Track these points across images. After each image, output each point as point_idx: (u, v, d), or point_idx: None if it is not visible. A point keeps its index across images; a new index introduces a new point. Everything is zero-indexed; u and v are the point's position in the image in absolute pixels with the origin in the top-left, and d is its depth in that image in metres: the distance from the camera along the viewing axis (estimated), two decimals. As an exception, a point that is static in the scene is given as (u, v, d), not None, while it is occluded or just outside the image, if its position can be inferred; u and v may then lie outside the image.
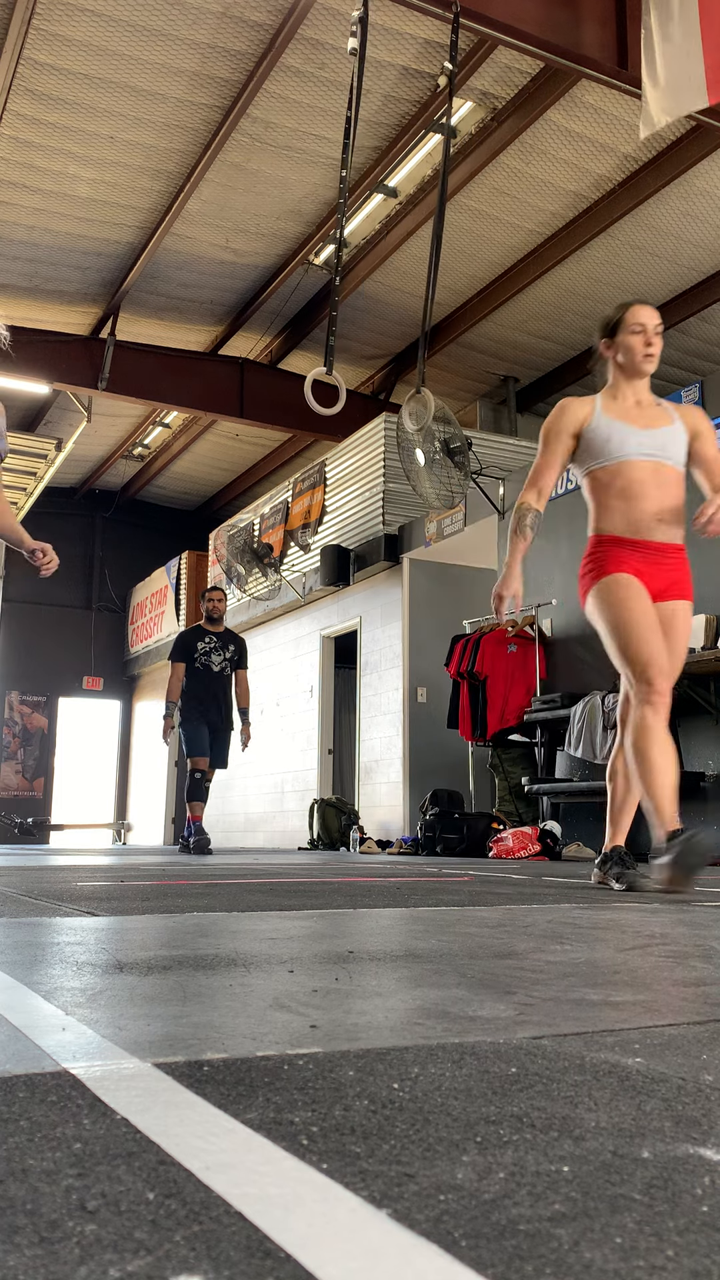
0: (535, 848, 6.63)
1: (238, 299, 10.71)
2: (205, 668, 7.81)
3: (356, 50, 4.91)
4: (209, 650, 7.84)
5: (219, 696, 7.83)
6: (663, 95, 5.62)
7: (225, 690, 7.89)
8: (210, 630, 7.93)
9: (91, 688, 16.64)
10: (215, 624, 7.97)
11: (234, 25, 6.93)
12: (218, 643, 7.89)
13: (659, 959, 1.56)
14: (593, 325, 3.65)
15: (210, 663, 7.82)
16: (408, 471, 7.32)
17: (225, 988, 1.25)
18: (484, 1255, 0.48)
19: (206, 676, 7.80)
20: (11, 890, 3.09)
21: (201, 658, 7.82)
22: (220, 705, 7.84)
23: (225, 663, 7.90)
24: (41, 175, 8.51)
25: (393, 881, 3.85)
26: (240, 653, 8.01)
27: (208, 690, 7.79)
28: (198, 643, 7.86)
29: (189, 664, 7.80)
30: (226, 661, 7.90)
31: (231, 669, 7.93)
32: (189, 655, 7.82)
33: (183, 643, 7.91)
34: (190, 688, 7.79)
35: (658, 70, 5.66)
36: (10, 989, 1.24)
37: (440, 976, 1.35)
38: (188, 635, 7.96)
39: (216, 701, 7.82)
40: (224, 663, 7.89)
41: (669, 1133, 0.68)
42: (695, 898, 3.07)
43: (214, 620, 7.97)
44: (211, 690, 7.80)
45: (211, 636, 7.90)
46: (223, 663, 7.88)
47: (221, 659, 7.87)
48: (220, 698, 7.84)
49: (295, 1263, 0.48)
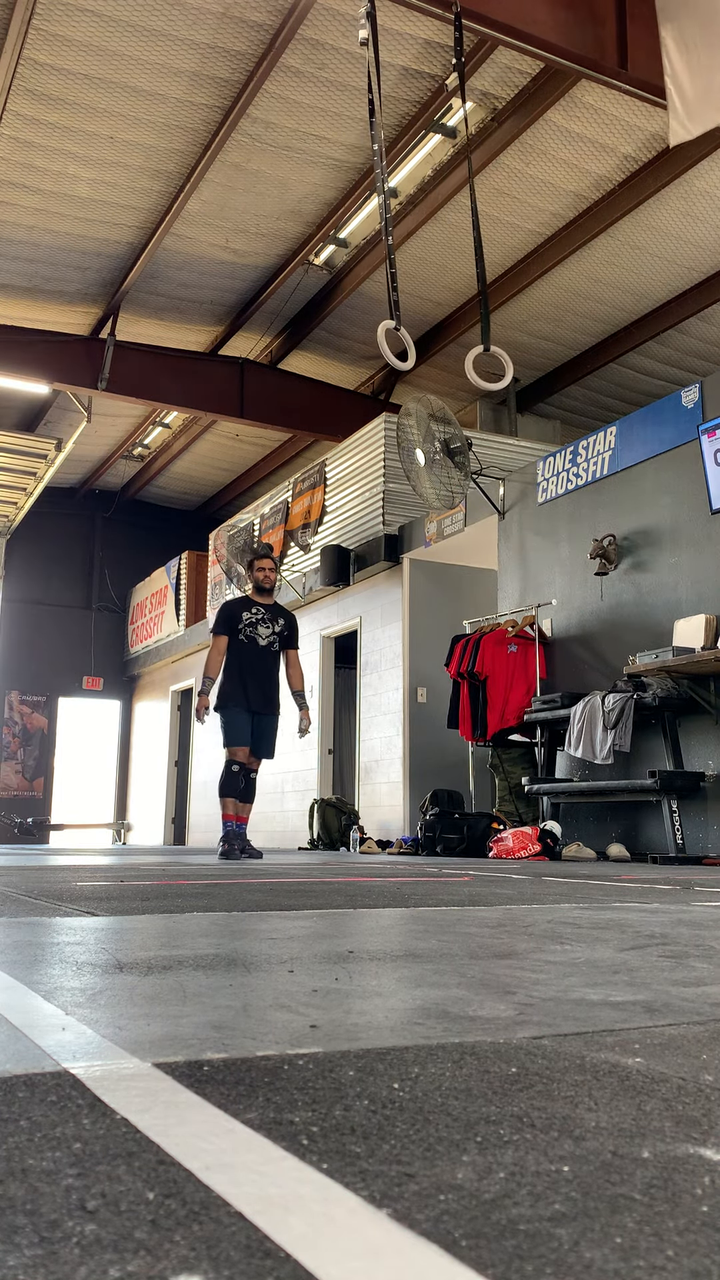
0: (535, 848, 6.63)
1: (238, 299, 10.71)
2: (251, 640, 6.84)
3: (368, 40, 4.92)
4: (255, 621, 6.88)
5: (266, 675, 6.87)
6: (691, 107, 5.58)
7: (273, 669, 6.93)
8: (259, 601, 6.98)
9: (91, 688, 16.64)
10: (265, 595, 7.02)
11: (234, 25, 6.93)
12: (266, 614, 6.92)
13: (659, 959, 1.56)
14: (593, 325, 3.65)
15: (257, 635, 6.85)
16: (408, 471, 7.33)
17: (225, 988, 1.25)
18: (484, 1255, 0.48)
19: (252, 651, 6.83)
20: (11, 890, 3.09)
21: (247, 629, 6.84)
22: (266, 686, 6.86)
23: (274, 637, 6.92)
24: (41, 175, 8.51)
25: (393, 881, 3.85)
26: (291, 629, 7.05)
27: (253, 667, 6.81)
28: (244, 613, 6.89)
29: (232, 637, 6.85)
30: (275, 636, 6.92)
31: (281, 645, 6.96)
32: (232, 626, 6.85)
33: (227, 612, 6.93)
34: (233, 664, 6.82)
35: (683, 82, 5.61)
36: (10, 989, 1.24)
37: (440, 976, 1.35)
38: (233, 604, 7.00)
39: (261, 681, 6.84)
40: (272, 636, 6.91)
41: (669, 1133, 0.68)
42: (695, 897, 3.06)
43: (264, 591, 7.01)
44: (257, 667, 6.83)
45: (259, 607, 6.93)
46: (271, 636, 6.90)
47: (270, 632, 6.90)
48: (268, 677, 6.88)
49: (295, 1263, 0.48)
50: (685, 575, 6.67)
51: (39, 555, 16.38)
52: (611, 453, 7.39)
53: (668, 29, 5.73)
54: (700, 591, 6.54)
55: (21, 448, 12.03)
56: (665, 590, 6.81)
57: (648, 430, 7.09)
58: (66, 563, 16.74)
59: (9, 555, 15.38)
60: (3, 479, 12.90)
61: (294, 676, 7.01)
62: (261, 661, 6.86)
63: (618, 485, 7.32)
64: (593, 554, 7.24)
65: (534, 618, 7.99)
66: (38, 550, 16.33)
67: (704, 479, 6.46)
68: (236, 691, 6.77)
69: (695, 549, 6.64)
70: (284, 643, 6.99)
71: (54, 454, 12.11)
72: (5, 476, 12.82)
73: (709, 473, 6.35)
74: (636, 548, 7.08)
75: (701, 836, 6.32)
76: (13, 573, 15.83)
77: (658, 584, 6.88)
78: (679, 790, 6.21)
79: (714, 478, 6.31)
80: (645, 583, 6.99)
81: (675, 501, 6.79)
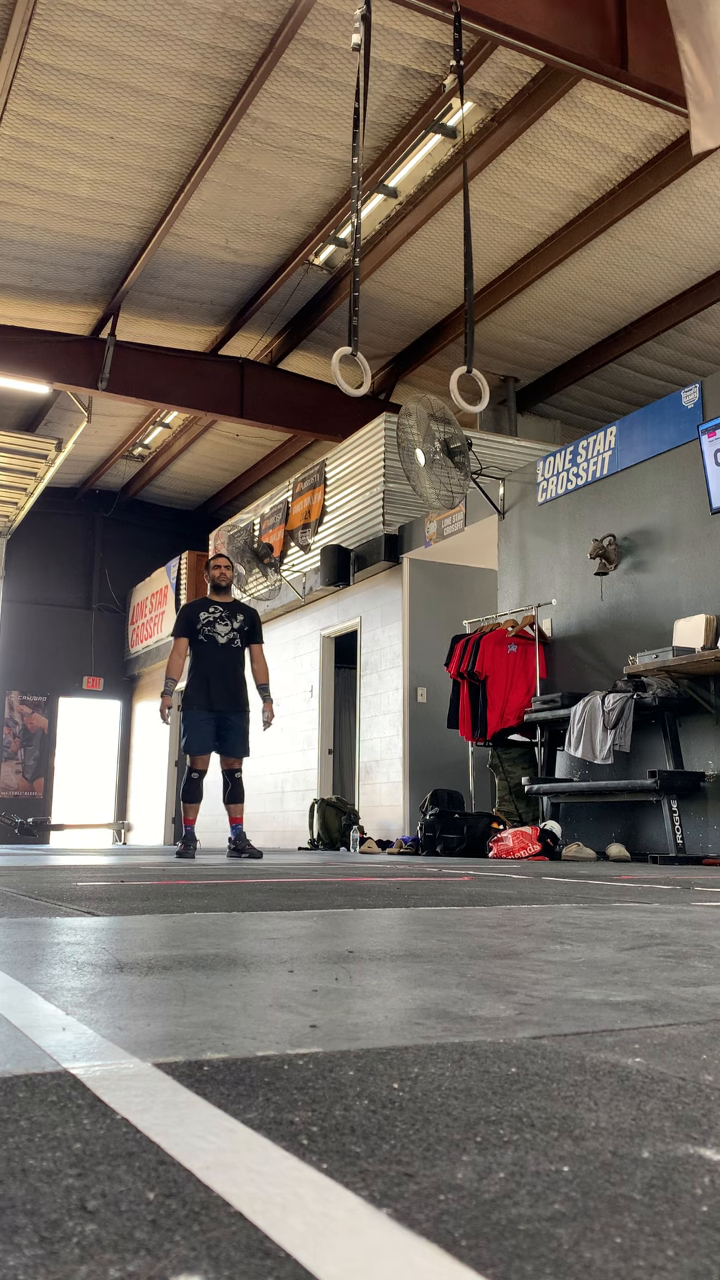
0: (535, 848, 6.63)
1: (238, 299, 10.71)
2: (210, 640, 6.93)
3: (360, 45, 4.90)
4: (213, 620, 6.98)
5: (229, 674, 6.94)
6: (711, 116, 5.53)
7: (235, 668, 6.99)
8: (216, 600, 7.09)
9: (92, 688, 16.64)
10: (222, 594, 7.13)
11: (234, 25, 6.93)
12: (224, 612, 7.02)
13: (659, 959, 1.56)
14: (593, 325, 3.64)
15: (215, 634, 6.94)
16: (408, 471, 7.33)
17: (225, 988, 1.25)
18: (484, 1255, 0.48)
19: (212, 650, 6.93)
20: (12, 890, 3.09)
21: (205, 628, 6.95)
22: (230, 684, 6.93)
23: (234, 634, 6.99)
24: (41, 175, 8.51)
25: (393, 881, 3.85)
26: (252, 624, 7.12)
27: (214, 667, 6.91)
28: (201, 613, 7.00)
29: (192, 638, 6.97)
30: (235, 633, 7.00)
31: (243, 642, 7.05)
32: (191, 627, 6.97)
33: (185, 615, 7.04)
34: (195, 665, 6.94)
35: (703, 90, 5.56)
36: (10, 989, 1.24)
37: (440, 976, 1.35)
38: (190, 607, 7.10)
39: (224, 680, 6.92)
40: (232, 634, 6.98)
41: (669, 1133, 0.68)
42: (695, 897, 3.06)
43: (220, 589, 7.13)
44: (219, 667, 6.91)
45: (217, 606, 7.04)
46: (230, 634, 6.97)
47: (229, 629, 6.97)
48: (231, 675, 6.95)
49: (295, 1262, 0.48)
50: (685, 575, 6.67)
51: (39, 555, 16.38)
52: (611, 453, 7.39)
53: (683, 34, 5.65)
54: (700, 591, 6.55)
55: (22, 448, 12.03)
56: (665, 590, 6.81)
57: (648, 430, 7.09)
58: (66, 563, 16.74)
59: (9, 555, 15.38)
60: (3, 479, 12.91)
61: (258, 671, 7.09)
62: (223, 660, 6.95)
63: (618, 485, 7.32)
64: (593, 554, 7.24)
65: (534, 618, 7.99)
66: (38, 550, 16.34)
67: (704, 479, 6.46)
68: (199, 694, 6.88)
69: (695, 549, 6.64)
70: (246, 638, 7.08)
71: (54, 454, 12.11)
72: (5, 476, 12.82)
73: (709, 473, 6.35)
74: (636, 548, 7.08)
75: (701, 836, 6.32)
76: (13, 573, 15.83)
77: (658, 584, 6.88)
78: (679, 790, 6.21)
79: (714, 478, 6.31)
80: (645, 583, 6.99)
81: (675, 501, 6.79)
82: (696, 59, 5.56)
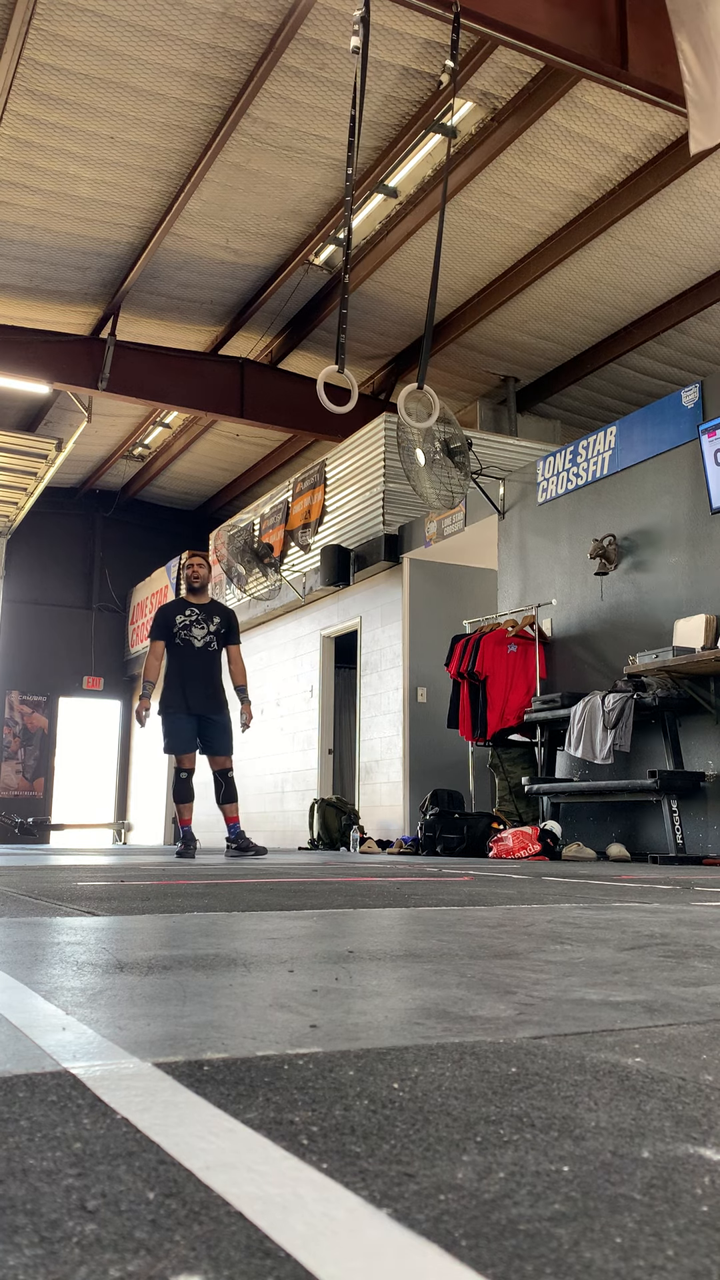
0: (535, 848, 6.63)
1: (238, 299, 10.71)
2: (186, 643, 6.90)
3: (359, 48, 4.90)
4: (189, 623, 6.92)
5: (206, 677, 6.91)
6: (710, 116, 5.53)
7: (213, 669, 6.96)
8: (192, 602, 7.04)
9: (92, 688, 16.65)
10: (198, 594, 7.08)
11: (234, 25, 6.93)
12: (200, 615, 6.97)
13: (659, 959, 1.56)
14: (593, 325, 3.64)
15: (191, 637, 6.90)
16: (408, 471, 7.32)
17: (225, 987, 1.25)
18: (484, 1255, 0.48)
19: (188, 653, 6.89)
20: (12, 890, 3.09)
21: (181, 631, 6.90)
22: (207, 687, 6.90)
23: (210, 636, 6.96)
24: (41, 175, 8.51)
25: (393, 881, 3.85)
26: (229, 625, 7.09)
27: (191, 670, 6.87)
28: (177, 615, 6.95)
29: (169, 641, 6.94)
30: (211, 635, 6.97)
31: (219, 644, 7.02)
32: (167, 630, 6.93)
33: (161, 617, 6.99)
34: (172, 668, 6.91)
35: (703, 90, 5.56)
36: (10, 989, 1.24)
37: (440, 976, 1.35)
38: (166, 609, 7.05)
39: (202, 682, 6.88)
40: (208, 636, 6.95)
41: (669, 1133, 0.68)
42: (695, 897, 3.06)
43: (196, 590, 7.08)
44: (196, 670, 6.88)
45: (193, 609, 6.99)
46: (207, 636, 6.94)
47: (205, 632, 6.94)
48: (208, 678, 6.92)
49: (295, 1262, 0.48)
50: (685, 575, 6.67)
51: (39, 555, 16.38)
52: (611, 453, 7.39)
53: (682, 35, 5.66)
54: (700, 591, 6.55)
55: (22, 448, 12.03)
56: (665, 590, 6.81)
57: (648, 430, 7.09)
58: (66, 563, 16.74)
59: (9, 555, 15.38)
60: (3, 479, 12.91)
61: (235, 672, 7.10)
62: (199, 663, 6.92)
63: (618, 485, 7.32)
64: (593, 554, 7.24)
65: (534, 617, 7.99)
66: (38, 550, 16.33)
67: (704, 479, 6.46)
68: (176, 697, 6.87)
69: (695, 549, 6.64)
70: (223, 640, 7.06)
71: (54, 454, 12.11)
72: (5, 476, 12.82)
73: (709, 473, 6.35)
74: (636, 547, 7.08)
75: (701, 836, 6.32)
76: (13, 573, 15.84)
77: (658, 584, 6.88)
78: (679, 790, 6.21)
79: (714, 478, 6.31)
80: (645, 583, 6.99)
81: (675, 501, 6.79)
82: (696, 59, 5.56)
